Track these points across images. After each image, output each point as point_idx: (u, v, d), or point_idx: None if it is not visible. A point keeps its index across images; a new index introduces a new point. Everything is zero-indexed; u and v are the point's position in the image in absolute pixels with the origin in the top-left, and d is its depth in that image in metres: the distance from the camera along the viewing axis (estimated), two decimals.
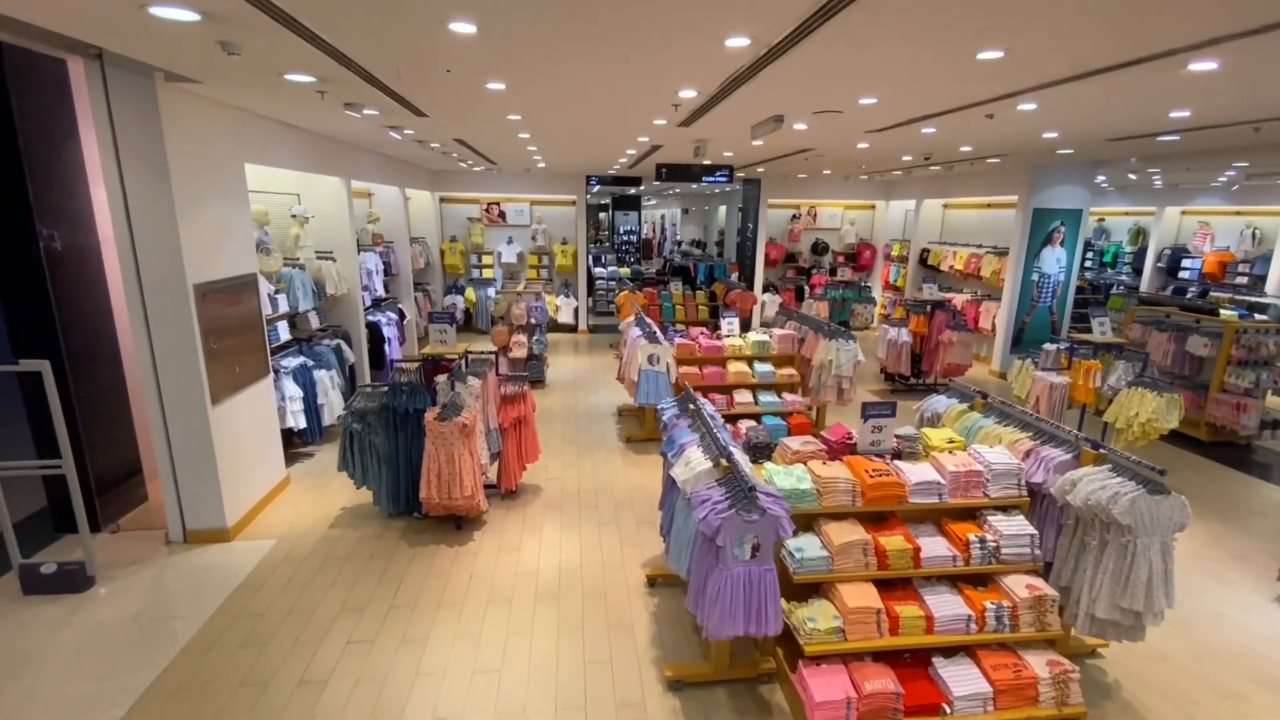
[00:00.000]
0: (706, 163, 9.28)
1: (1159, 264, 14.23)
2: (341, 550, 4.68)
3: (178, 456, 4.59)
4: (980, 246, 11.03)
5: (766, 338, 6.99)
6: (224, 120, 4.83)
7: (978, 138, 6.12)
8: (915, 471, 3.41)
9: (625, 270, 15.87)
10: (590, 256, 13.68)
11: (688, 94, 4.14)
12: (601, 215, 30.11)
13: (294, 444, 6.46)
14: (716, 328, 11.08)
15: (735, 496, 2.89)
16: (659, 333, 6.60)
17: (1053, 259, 9.65)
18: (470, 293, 12.57)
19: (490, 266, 12.92)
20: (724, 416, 6.44)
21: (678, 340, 6.91)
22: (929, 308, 8.74)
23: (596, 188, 16.97)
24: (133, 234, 4.20)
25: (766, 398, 6.72)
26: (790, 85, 3.95)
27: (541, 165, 10.55)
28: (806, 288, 13.49)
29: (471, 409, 4.77)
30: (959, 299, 11.19)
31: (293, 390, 6.01)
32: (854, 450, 3.66)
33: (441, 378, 4.92)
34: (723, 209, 22.25)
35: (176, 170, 4.20)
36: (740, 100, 4.41)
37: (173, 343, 4.38)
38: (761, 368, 6.82)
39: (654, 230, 31.53)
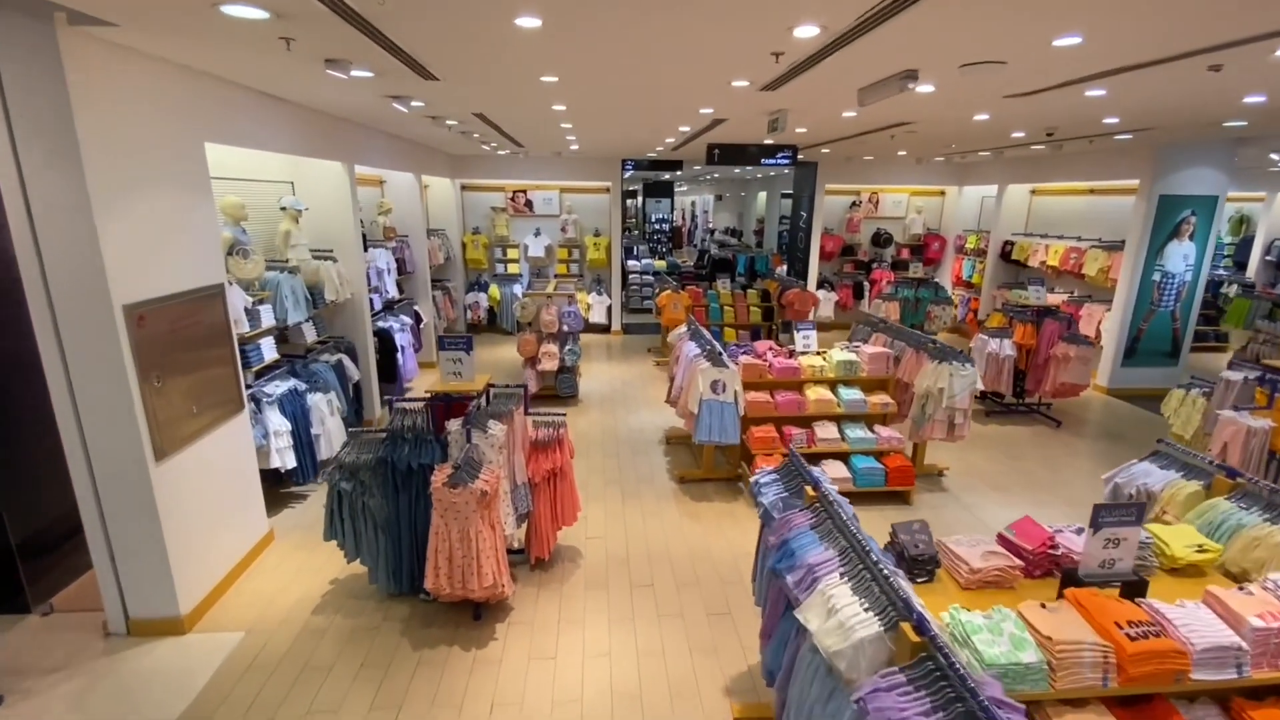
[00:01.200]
0: (768, 142, 7.94)
1: (1268, 257, 12.44)
2: (326, 652, 3.56)
3: (113, 529, 3.51)
4: (1080, 239, 9.51)
5: (854, 356, 5.69)
6: (170, 85, 3.68)
7: (1148, 103, 4.70)
8: (1196, 624, 2.13)
9: (660, 263, 14.60)
10: (622, 249, 12.50)
11: (806, 32, 2.86)
12: (629, 203, 28.78)
13: (284, 483, 5.39)
14: (773, 334, 9.80)
15: (947, 708, 1.65)
16: (722, 352, 5.34)
17: (1179, 255, 8.13)
18: (494, 290, 11.43)
19: (516, 261, 11.76)
20: (805, 455, 5.21)
21: (743, 359, 5.65)
22: (1036, 315, 7.33)
23: (630, 173, 15.68)
24: (36, 236, 3.08)
25: (855, 432, 5.44)
26: (964, 17, 2.65)
27: (575, 147, 9.31)
28: (866, 284, 12.08)
29: (493, 465, 3.60)
30: (1052, 300, 9.69)
31: (278, 423, 4.91)
32: (1073, 577, 2.39)
33: (454, 424, 3.75)
34: (762, 195, 20.78)
35: (93, 149, 3.06)
36: (870, 46, 3.11)
37: (96, 382, 3.27)
38: (848, 394, 5.54)
39: (683, 218, 30.12)
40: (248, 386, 4.86)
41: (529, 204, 11.65)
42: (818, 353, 5.95)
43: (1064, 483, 5.85)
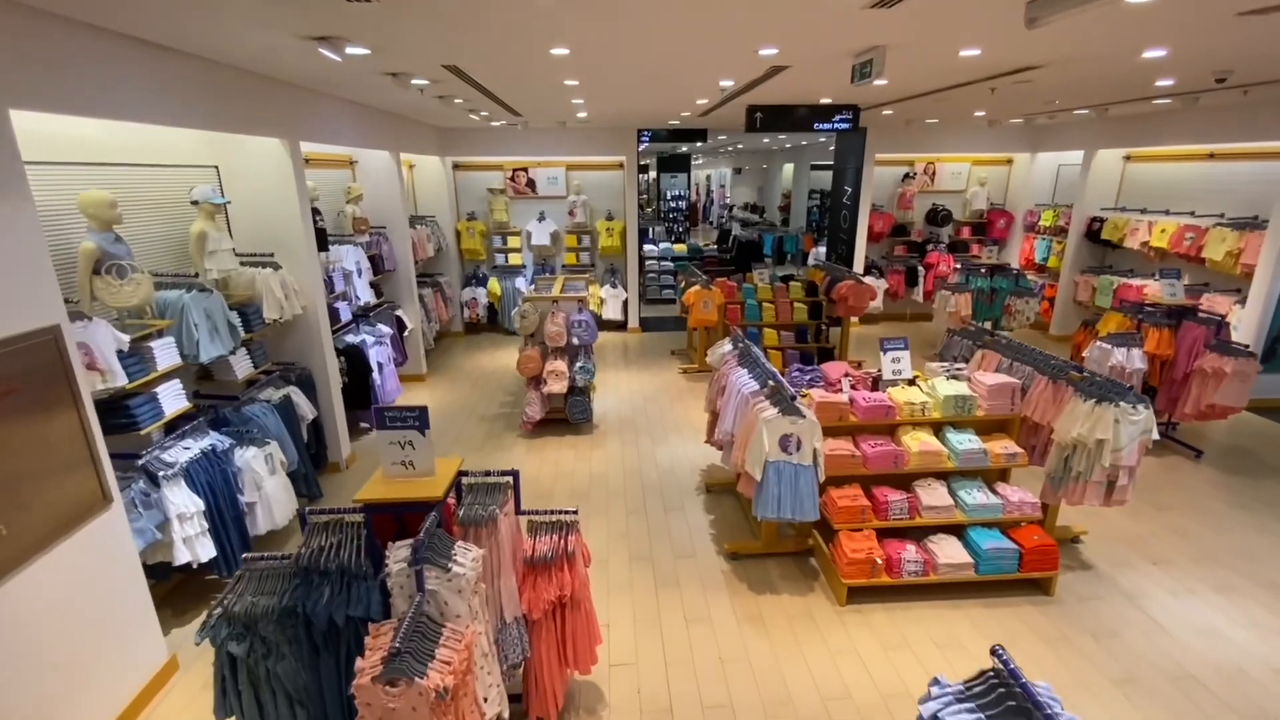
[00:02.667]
0: (827, 100, 6.36)
1: None
2: None
3: None
4: (1193, 215, 7.86)
5: (965, 388, 4.21)
6: None
7: None
8: None
9: (680, 247, 13.05)
10: (638, 232, 10.97)
11: None
12: (641, 178, 27.05)
13: (200, 576, 4.06)
14: (822, 335, 8.27)
15: None
16: (794, 393, 3.87)
17: None
18: (494, 283, 9.99)
19: (518, 250, 10.28)
20: (904, 529, 3.84)
21: (817, 395, 4.19)
22: (1170, 316, 5.78)
23: (645, 145, 14.09)
24: None
25: (973, 494, 4.00)
26: None
27: (583, 115, 7.76)
28: (921, 269, 10.48)
29: (461, 632, 2.21)
30: (1156, 288, 8.09)
31: (183, 503, 3.55)
32: None
33: (399, 553, 2.34)
34: (788, 167, 19.03)
35: None
36: None
37: None
38: (961, 440, 4.08)
39: (698, 193, 28.34)
40: (138, 456, 3.50)
41: (531, 184, 10.13)
42: (912, 381, 4.47)
43: (1240, 550, 4.38)
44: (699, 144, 14.11)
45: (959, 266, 8.88)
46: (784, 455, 3.62)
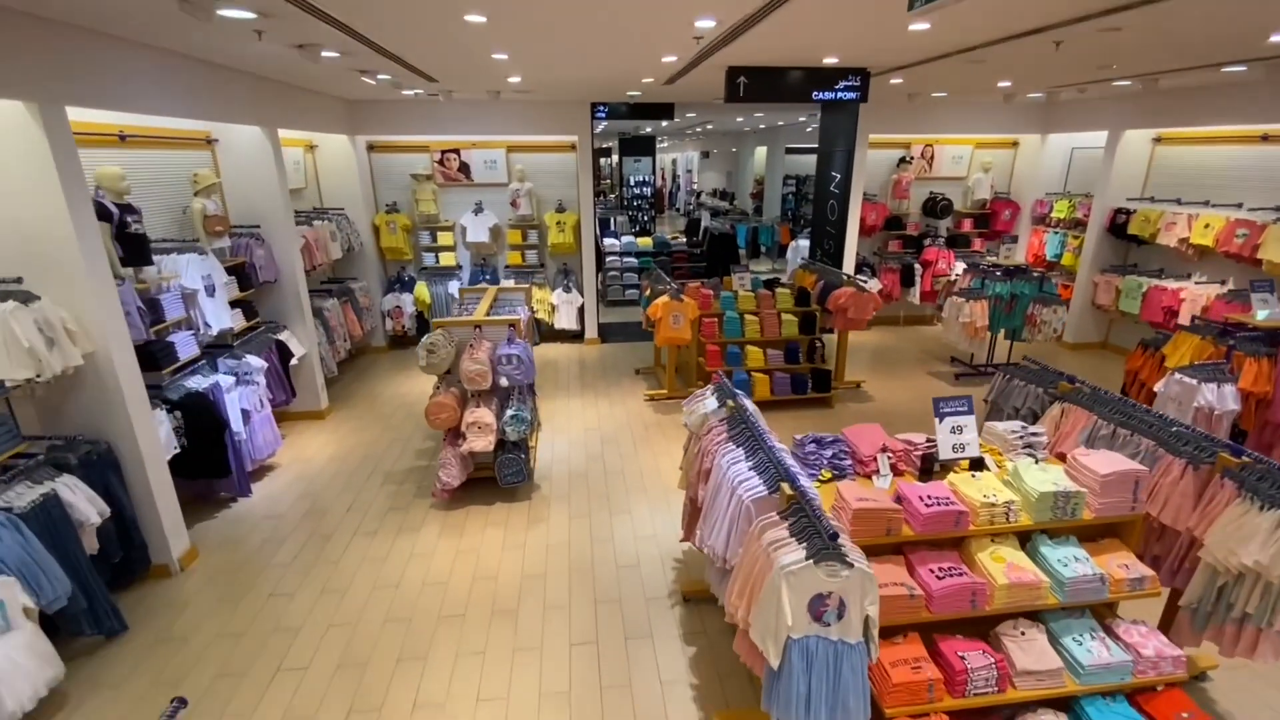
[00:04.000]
0: (832, 62, 4.91)
1: None
2: None
3: None
4: (1241, 207, 6.70)
5: (1063, 479, 2.83)
6: None
7: None
8: None
9: (645, 241, 11.53)
10: (596, 223, 9.40)
11: None
12: (602, 163, 25.32)
13: None
14: (815, 352, 6.84)
15: None
16: (836, 534, 2.40)
17: None
18: (423, 289, 8.33)
19: (451, 249, 8.62)
20: (991, 708, 2.45)
21: (851, 493, 2.76)
22: (1268, 342, 4.54)
23: (603, 123, 12.45)
24: None
25: (1085, 643, 2.64)
26: None
27: (515, 80, 6.15)
28: (917, 266, 9.20)
29: None
30: (1196, 291, 6.94)
31: None
32: None
33: None
34: (760, 150, 17.62)
35: None
36: None
37: None
38: (1063, 560, 2.71)
39: (664, 178, 26.78)
40: None
41: (464, 169, 8.45)
42: (980, 462, 3.09)
43: None
44: (665, 123, 12.56)
45: (973, 268, 7.58)
46: (817, 628, 2.19)
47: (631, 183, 17.84)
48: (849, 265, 9.10)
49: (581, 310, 8.78)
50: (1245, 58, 4.87)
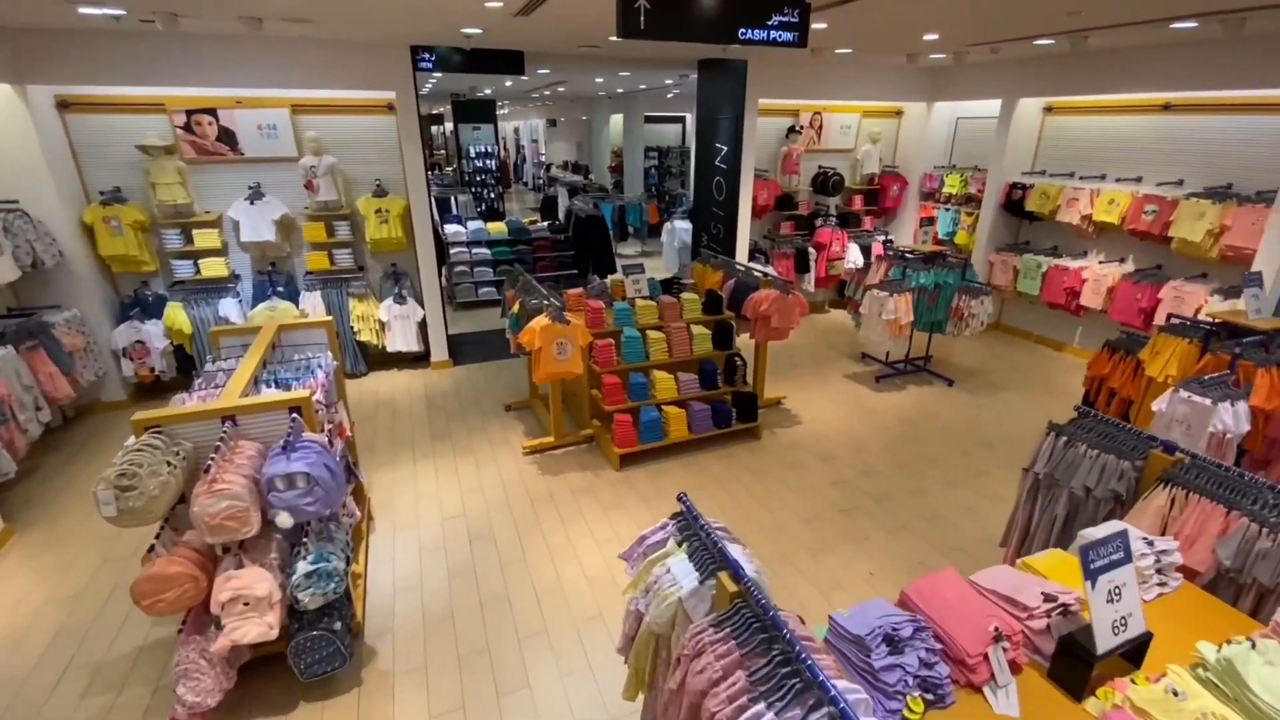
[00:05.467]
0: None
1: None
2: None
3: None
4: (1140, 181, 6.39)
5: None
6: None
7: None
8: None
9: (497, 226, 9.50)
10: (433, 204, 7.17)
11: None
12: (434, 131, 22.18)
13: None
14: (736, 371, 5.41)
15: None
16: None
17: None
18: (177, 313, 5.72)
19: (218, 253, 6.05)
20: None
21: None
22: (1264, 347, 3.89)
23: (431, 76, 10.13)
24: None
25: None
26: None
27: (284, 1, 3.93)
28: (811, 250, 8.24)
29: None
30: (1100, 271, 6.61)
31: None
32: None
33: None
34: (616, 119, 16.03)
35: None
36: None
37: None
38: None
39: (507, 149, 24.25)
40: None
41: (227, 137, 5.89)
42: (1141, 642, 1.83)
43: None
44: (510, 81, 10.46)
45: (896, 256, 6.66)
46: None
47: (472, 154, 15.38)
48: (742, 252, 7.90)
49: (423, 325, 6.70)
50: (1207, 10, 4.15)
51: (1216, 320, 4.18)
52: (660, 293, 5.66)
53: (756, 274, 5.58)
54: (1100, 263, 6.74)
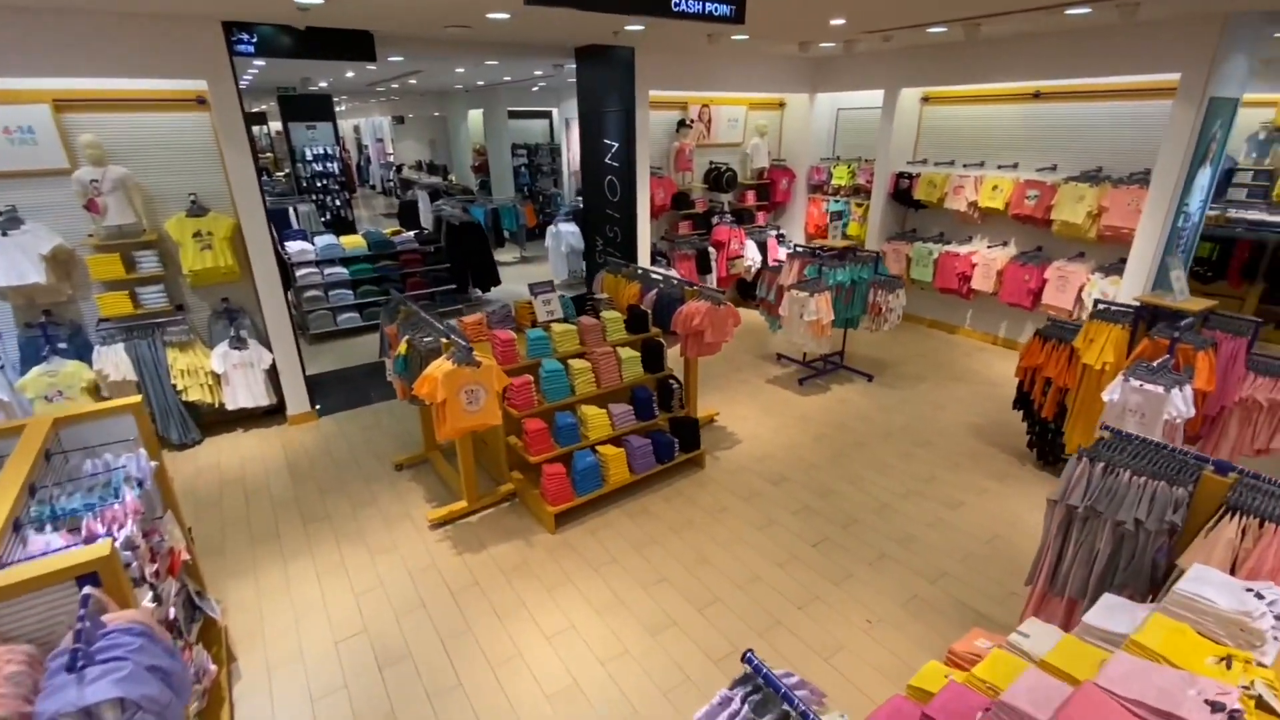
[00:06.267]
0: None
1: None
2: None
3: None
4: (1016, 167, 6.67)
5: None
6: None
7: None
8: None
9: (353, 240, 8.14)
10: (265, 216, 5.69)
11: None
12: (258, 131, 19.31)
13: None
14: (674, 397, 4.72)
15: None
16: None
17: (1198, 188, 5.68)
18: None
19: None
20: None
21: None
22: (1189, 329, 3.97)
23: (255, 66, 8.55)
24: None
25: None
26: None
27: None
28: (711, 250, 7.87)
29: None
30: (989, 255, 6.84)
31: None
32: None
33: None
34: (474, 115, 14.82)
35: None
36: None
37: None
38: None
39: (346, 150, 21.82)
40: None
41: None
42: None
43: None
44: (353, 72, 9.02)
45: (809, 253, 6.38)
46: None
47: (309, 157, 13.38)
48: (644, 256, 7.33)
49: (273, 371, 5.39)
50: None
51: (1145, 304, 4.27)
52: (574, 312, 4.91)
53: (676, 284, 5.01)
54: (989, 247, 6.97)
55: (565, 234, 9.47)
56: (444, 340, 3.83)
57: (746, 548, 3.88)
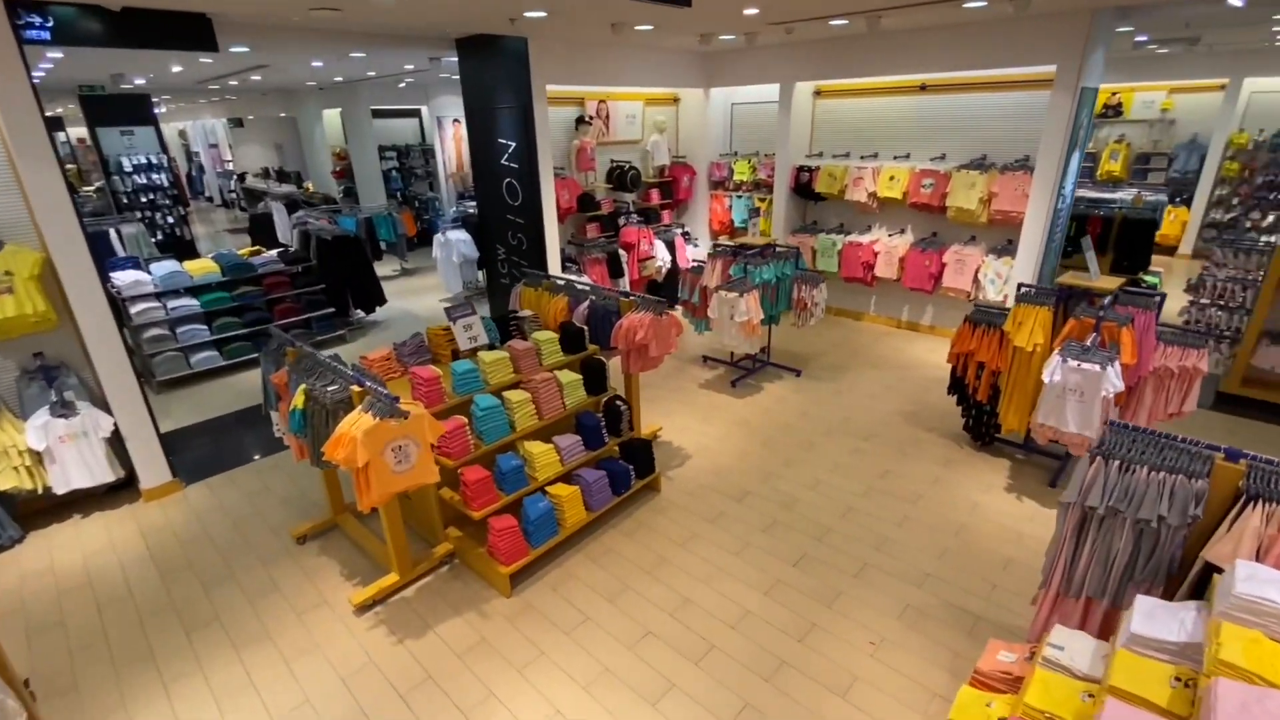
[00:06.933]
0: None
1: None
2: None
3: None
4: (909, 158, 6.94)
5: None
6: None
7: None
8: None
9: (202, 267, 6.87)
10: (84, 241, 4.49)
11: None
12: (60, 138, 16.19)
13: None
14: (612, 420, 4.24)
15: None
16: None
17: (1071, 171, 6.16)
18: None
19: None
20: None
21: None
22: (1066, 301, 4.20)
23: (50, 59, 7.08)
24: None
25: None
26: None
27: None
28: (621, 253, 7.52)
29: None
30: (890, 243, 7.08)
31: None
32: None
33: None
34: (331, 115, 13.41)
35: None
36: None
37: None
38: None
39: (172, 158, 18.98)
40: None
41: None
42: None
43: None
44: (181, 66, 7.64)
45: (732, 252, 6.18)
46: None
47: (128, 168, 11.29)
48: (554, 263, 6.82)
49: (116, 437, 4.31)
50: None
51: (1063, 286, 4.48)
52: (498, 336, 4.34)
53: (606, 294, 4.60)
54: (889, 236, 7.21)
55: (456, 242, 8.69)
56: (355, 388, 3.15)
57: (727, 579, 3.58)
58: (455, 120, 12.83)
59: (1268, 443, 4.83)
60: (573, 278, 5.49)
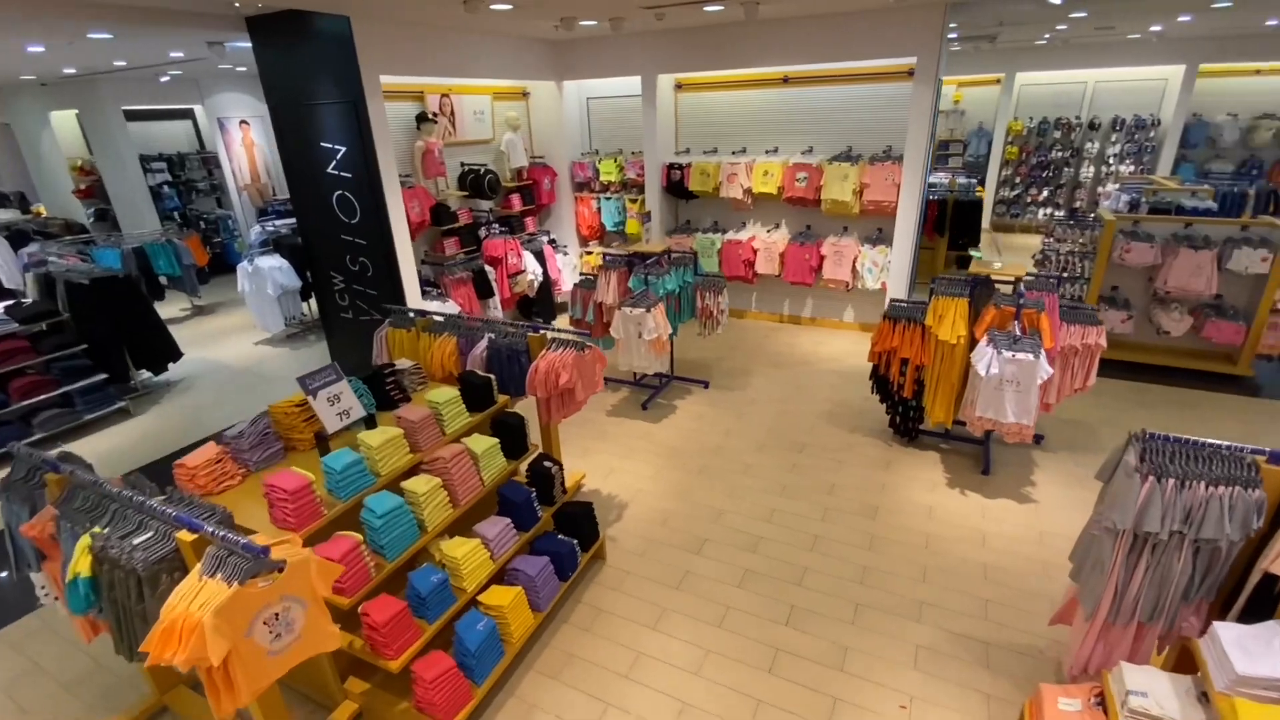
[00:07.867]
0: None
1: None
2: None
3: None
4: (777, 151, 6.85)
5: None
6: None
7: None
8: None
9: None
10: None
11: None
12: None
13: None
14: (549, 491, 3.37)
15: None
16: None
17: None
18: None
19: None
20: None
21: None
22: (978, 290, 4.25)
23: None
24: None
25: None
26: None
27: None
28: (489, 270, 6.56)
29: None
30: (769, 239, 6.96)
31: None
32: None
33: None
34: (61, 117, 10.52)
35: None
36: None
37: None
38: None
39: None
40: None
41: None
42: None
43: None
44: None
45: (640, 262, 5.53)
46: None
47: None
48: (411, 290, 5.70)
49: None
50: None
51: (972, 275, 4.49)
52: (374, 403, 3.31)
53: (515, 329, 3.75)
54: (767, 232, 7.08)
55: (269, 271, 7.09)
56: (184, 534, 2.04)
57: (720, 662, 2.99)
58: (243, 122, 10.67)
59: (1171, 402, 5.30)
60: (441, 307, 4.51)
